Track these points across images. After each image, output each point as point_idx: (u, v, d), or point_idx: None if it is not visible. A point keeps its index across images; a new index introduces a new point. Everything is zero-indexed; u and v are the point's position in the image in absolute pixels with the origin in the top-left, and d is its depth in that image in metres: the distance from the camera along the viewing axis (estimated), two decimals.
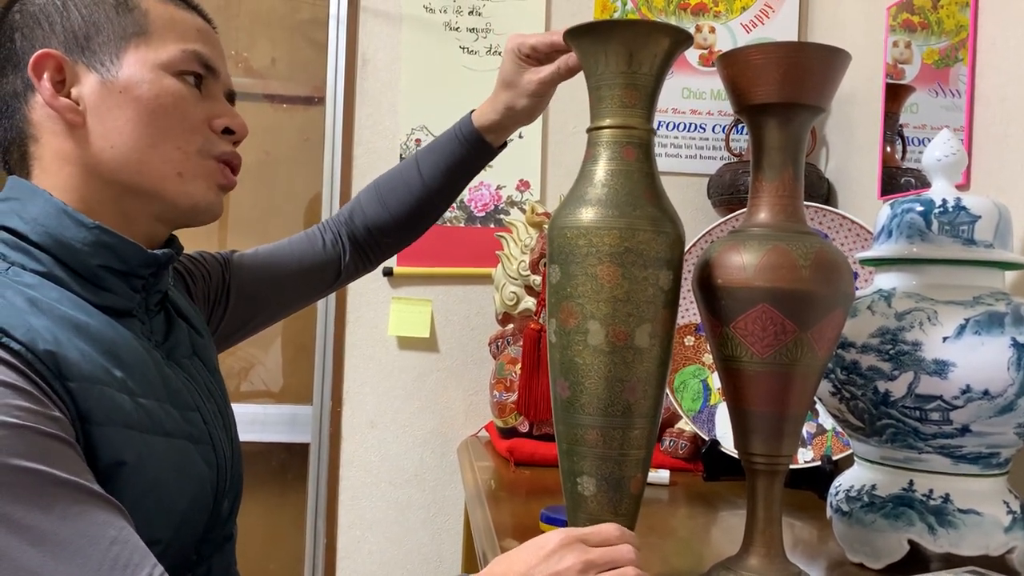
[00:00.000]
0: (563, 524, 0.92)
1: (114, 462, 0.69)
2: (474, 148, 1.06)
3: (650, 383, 0.82)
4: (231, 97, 0.87)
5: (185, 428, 0.78)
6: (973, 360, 0.85)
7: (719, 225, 1.43)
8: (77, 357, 0.69)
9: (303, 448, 1.89)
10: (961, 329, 0.86)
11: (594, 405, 0.81)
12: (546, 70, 0.99)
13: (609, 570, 0.70)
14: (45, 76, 0.77)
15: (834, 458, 1.30)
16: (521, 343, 1.53)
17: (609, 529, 0.74)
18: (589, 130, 0.84)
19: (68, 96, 0.77)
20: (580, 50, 0.84)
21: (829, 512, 1.01)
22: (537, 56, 0.99)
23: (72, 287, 0.75)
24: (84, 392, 0.68)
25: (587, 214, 0.80)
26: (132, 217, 0.80)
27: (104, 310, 0.76)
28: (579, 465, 0.82)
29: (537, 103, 1.02)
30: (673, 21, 1.86)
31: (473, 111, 1.06)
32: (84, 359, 0.69)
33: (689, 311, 1.47)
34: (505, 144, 1.09)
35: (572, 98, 1.87)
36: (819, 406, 1.30)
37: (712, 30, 1.88)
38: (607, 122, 0.82)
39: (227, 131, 0.83)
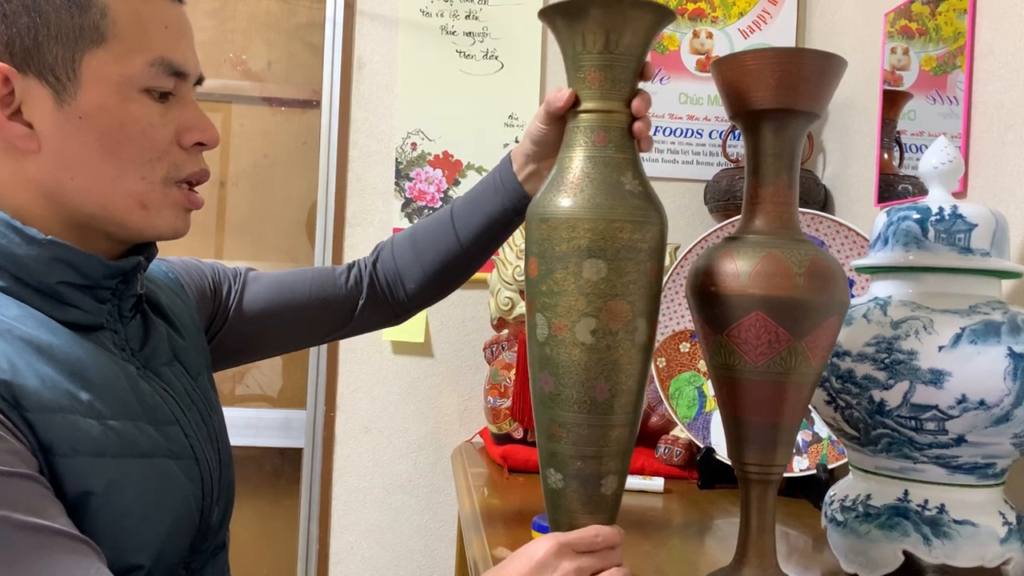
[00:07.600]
0: None
1: (81, 492, 0.66)
2: (511, 195, 0.98)
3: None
4: (199, 81, 0.79)
5: (164, 445, 0.74)
6: (969, 370, 0.84)
7: (715, 231, 1.43)
8: (36, 385, 0.65)
9: (296, 453, 1.88)
10: (957, 338, 0.85)
11: (632, 404, 0.79)
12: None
13: (599, 572, 0.72)
14: None
15: (829, 467, 1.29)
16: (515, 348, 1.52)
17: (593, 532, 0.75)
18: (570, 113, 0.81)
19: (19, 113, 0.69)
20: (556, 31, 0.80)
21: (824, 522, 1.00)
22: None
23: (34, 303, 0.70)
24: (45, 422, 0.64)
25: (598, 206, 0.76)
26: (93, 234, 0.75)
27: (70, 326, 0.71)
28: (606, 465, 0.79)
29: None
30: (670, 26, 1.85)
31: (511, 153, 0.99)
32: (45, 386, 0.65)
33: (685, 318, 1.46)
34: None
35: None
36: (814, 414, 1.29)
37: (710, 35, 1.87)
38: (586, 106, 0.79)
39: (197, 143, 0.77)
